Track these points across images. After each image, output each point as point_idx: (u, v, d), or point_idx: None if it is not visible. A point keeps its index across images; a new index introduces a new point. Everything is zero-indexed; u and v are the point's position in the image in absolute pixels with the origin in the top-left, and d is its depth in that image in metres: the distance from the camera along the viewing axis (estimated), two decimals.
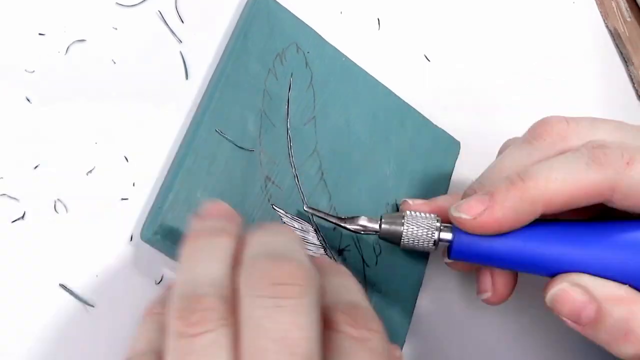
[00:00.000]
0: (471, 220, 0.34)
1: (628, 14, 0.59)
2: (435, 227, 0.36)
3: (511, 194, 0.33)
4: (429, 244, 0.36)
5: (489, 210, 0.34)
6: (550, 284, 0.35)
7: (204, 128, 0.36)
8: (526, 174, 0.34)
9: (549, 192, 0.33)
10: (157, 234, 0.34)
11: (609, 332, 0.33)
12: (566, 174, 0.33)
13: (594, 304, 0.33)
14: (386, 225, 0.37)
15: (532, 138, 0.36)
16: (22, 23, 0.35)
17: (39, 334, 0.32)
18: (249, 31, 0.39)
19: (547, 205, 0.33)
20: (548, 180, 0.33)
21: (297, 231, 0.38)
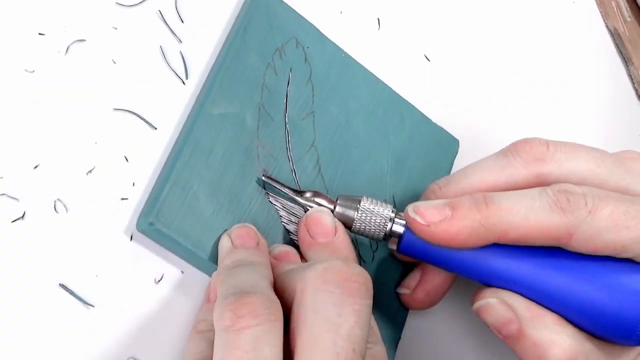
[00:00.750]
0: (424, 226, 0.34)
1: (628, 14, 0.59)
2: (388, 217, 0.36)
3: (472, 215, 0.34)
4: (380, 234, 0.36)
5: (446, 223, 0.34)
6: (481, 294, 0.36)
7: (201, 120, 0.36)
8: (492, 200, 0.34)
9: (507, 224, 0.34)
10: (152, 224, 0.34)
11: (526, 351, 0.34)
12: (529, 210, 0.34)
13: (516, 323, 0.34)
14: (340, 208, 0.37)
15: (508, 152, 0.37)
16: (22, 23, 0.35)
17: (39, 334, 0.32)
18: (249, 25, 0.39)
19: (502, 236, 0.34)
20: (511, 213, 0.34)
21: (293, 225, 0.38)
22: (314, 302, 0.29)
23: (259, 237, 0.35)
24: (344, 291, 0.29)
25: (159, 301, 0.35)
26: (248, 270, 0.32)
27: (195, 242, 0.35)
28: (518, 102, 0.52)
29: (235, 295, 0.29)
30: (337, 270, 0.29)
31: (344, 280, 0.29)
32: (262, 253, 0.34)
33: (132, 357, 0.34)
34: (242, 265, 0.32)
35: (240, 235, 0.35)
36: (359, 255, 0.40)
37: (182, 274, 0.36)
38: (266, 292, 0.30)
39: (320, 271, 0.30)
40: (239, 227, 0.35)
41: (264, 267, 0.33)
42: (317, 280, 0.29)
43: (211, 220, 0.36)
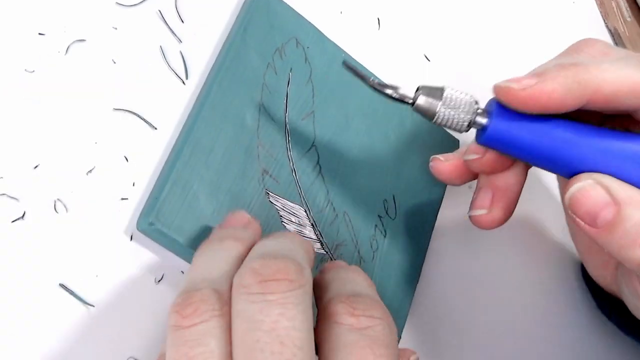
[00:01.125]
0: (520, 91, 0.33)
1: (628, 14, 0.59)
2: (473, 109, 0.35)
3: (563, 73, 0.33)
4: (463, 124, 0.35)
5: (541, 84, 0.33)
6: (572, 181, 0.34)
7: (202, 120, 0.36)
8: (579, 61, 0.33)
9: (599, 78, 0.33)
10: (152, 224, 0.34)
11: (623, 236, 0.32)
12: (618, 68, 0.33)
13: (615, 206, 0.32)
14: (422, 98, 0.35)
15: (572, 50, 0.36)
16: (22, 23, 0.35)
17: (39, 334, 0.32)
18: (249, 25, 0.39)
19: (596, 91, 0.33)
20: (600, 69, 0.33)
21: (294, 225, 0.38)
22: (237, 307, 0.28)
23: (251, 221, 0.34)
24: (265, 290, 0.28)
25: (159, 301, 0.35)
26: (210, 260, 0.31)
27: (195, 242, 0.35)
28: None
29: (184, 294, 0.29)
30: (252, 272, 0.28)
31: (262, 280, 0.28)
32: (242, 232, 0.33)
33: (132, 357, 0.34)
34: (209, 250, 0.31)
35: (229, 217, 0.34)
36: (359, 255, 0.40)
37: (182, 274, 0.36)
38: (215, 286, 0.29)
39: (241, 275, 0.29)
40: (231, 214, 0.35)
41: (232, 246, 0.32)
42: (239, 286, 0.28)
43: (211, 220, 0.36)
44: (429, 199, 0.44)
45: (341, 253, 0.40)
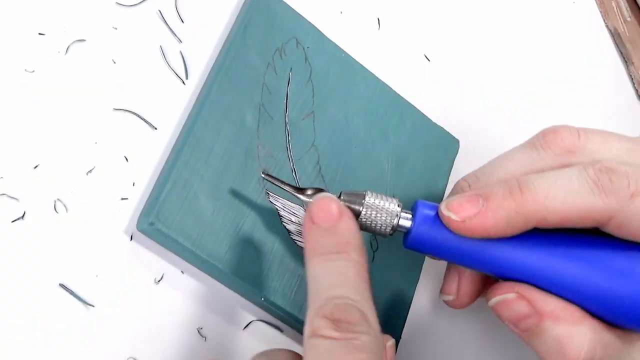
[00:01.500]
0: (459, 223, 0.33)
1: (628, 14, 0.59)
2: (395, 212, 0.35)
3: (507, 204, 0.32)
4: (386, 229, 0.35)
5: (481, 216, 0.32)
6: (497, 289, 0.34)
7: (202, 119, 0.36)
8: (525, 185, 0.33)
9: (545, 209, 0.32)
10: (153, 224, 0.34)
11: (544, 345, 0.33)
12: (567, 193, 0.32)
13: (535, 318, 0.33)
14: (345, 203, 0.35)
15: (538, 144, 0.35)
16: (22, 23, 0.35)
17: (39, 334, 0.32)
18: (249, 25, 0.39)
19: (540, 221, 0.32)
20: (547, 197, 0.32)
21: (294, 225, 0.38)
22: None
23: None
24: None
25: (159, 301, 0.35)
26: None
27: (195, 242, 0.35)
28: (518, 102, 0.52)
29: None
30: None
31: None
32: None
33: (132, 357, 0.34)
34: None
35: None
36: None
37: (182, 274, 0.36)
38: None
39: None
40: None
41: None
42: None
43: (211, 220, 0.36)
44: (429, 199, 0.44)
45: None
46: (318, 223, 0.33)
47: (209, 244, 0.35)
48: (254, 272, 0.36)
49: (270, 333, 0.38)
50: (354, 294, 0.31)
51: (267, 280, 0.37)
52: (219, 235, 0.36)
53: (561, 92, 0.54)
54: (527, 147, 0.36)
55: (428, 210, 0.35)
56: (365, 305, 0.31)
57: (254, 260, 0.36)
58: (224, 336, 0.37)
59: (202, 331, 0.36)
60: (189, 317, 0.36)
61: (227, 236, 0.36)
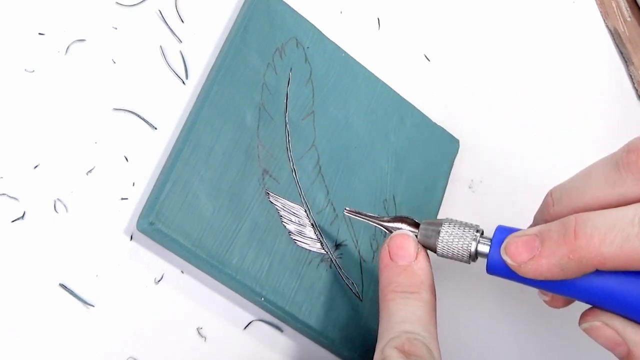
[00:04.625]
0: (516, 266, 0.33)
1: (628, 14, 0.59)
2: (471, 238, 0.35)
3: (559, 251, 0.32)
4: (464, 256, 0.35)
5: (535, 262, 0.32)
6: (585, 316, 0.34)
7: (202, 120, 0.36)
8: (582, 228, 0.31)
9: (600, 255, 0.31)
10: (153, 224, 0.34)
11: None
12: (624, 239, 0.30)
13: (625, 346, 0.33)
14: (424, 232, 0.36)
15: (621, 164, 0.33)
16: (22, 23, 0.35)
17: (39, 334, 0.32)
18: (249, 25, 0.39)
19: (599, 267, 0.31)
20: (602, 243, 0.30)
21: (294, 225, 0.38)
22: None
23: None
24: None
25: (159, 301, 0.35)
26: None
27: (195, 242, 0.35)
28: (518, 101, 0.52)
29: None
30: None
31: None
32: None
33: (132, 357, 0.34)
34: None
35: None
36: (359, 255, 0.40)
37: (182, 274, 0.36)
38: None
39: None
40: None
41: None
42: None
43: (211, 220, 0.36)
44: (429, 199, 0.44)
45: (341, 253, 0.40)
46: (395, 260, 0.36)
47: (209, 244, 0.35)
48: (254, 272, 0.36)
49: (270, 333, 0.38)
50: (424, 331, 0.34)
51: (267, 280, 0.37)
52: (219, 235, 0.36)
53: (561, 92, 0.54)
54: (611, 164, 0.33)
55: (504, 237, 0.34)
56: (432, 344, 0.34)
57: (254, 260, 0.36)
58: (224, 336, 0.37)
59: (202, 331, 0.36)
60: (189, 317, 0.36)
61: (227, 236, 0.36)
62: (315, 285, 0.38)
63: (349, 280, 0.39)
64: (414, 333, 0.33)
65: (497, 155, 0.49)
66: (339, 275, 0.39)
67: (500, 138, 0.50)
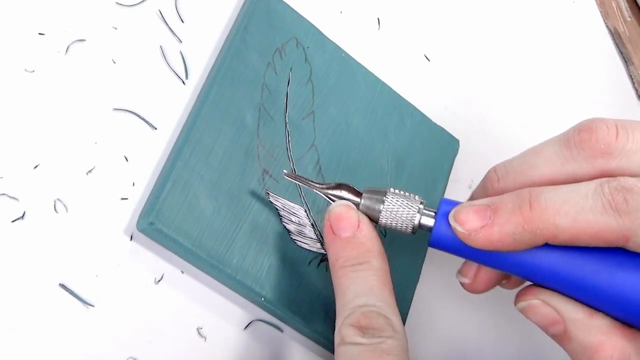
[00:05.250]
0: (466, 234, 0.32)
1: (628, 14, 0.59)
2: (416, 209, 0.34)
3: (514, 219, 0.31)
4: (407, 227, 0.34)
5: (486, 230, 0.32)
6: (523, 294, 0.34)
7: (202, 120, 0.36)
8: (536, 200, 0.31)
9: (555, 227, 0.31)
10: (153, 224, 0.34)
11: (575, 352, 0.33)
12: (578, 212, 0.30)
13: (562, 325, 0.33)
14: (365, 202, 0.35)
15: (572, 142, 0.33)
16: (22, 23, 0.35)
17: (39, 334, 0.32)
18: (249, 25, 0.39)
19: (550, 239, 0.31)
20: (558, 214, 0.31)
21: (294, 225, 0.38)
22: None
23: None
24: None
25: (159, 301, 0.35)
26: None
27: (195, 242, 0.35)
28: (518, 101, 0.52)
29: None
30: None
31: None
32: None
33: (132, 357, 0.34)
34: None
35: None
36: None
37: (182, 274, 0.36)
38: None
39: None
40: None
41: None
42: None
43: (211, 220, 0.36)
44: (429, 199, 0.44)
45: None
46: (338, 233, 0.35)
47: (209, 244, 0.35)
48: (254, 272, 0.36)
49: (270, 333, 0.38)
50: (378, 301, 0.33)
51: (267, 280, 0.37)
52: (219, 235, 0.36)
53: (561, 92, 0.54)
54: (561, 143, 0.34)
55: (451, 207, 0.33)
56: (389, 311, 0.33)
57: (254, 260, 0.36)
58: (224, 336, 0.37)
59: (202, 331, 0.36)
60: (189, 317, 0.36)
61: (227, 236, 0.36)
62: (315, 285, 0.38)
63: None
64: (367, 306, 0.32)
65: (497, 155, 0.49)
66: None
67: (500, 138, 0.50)
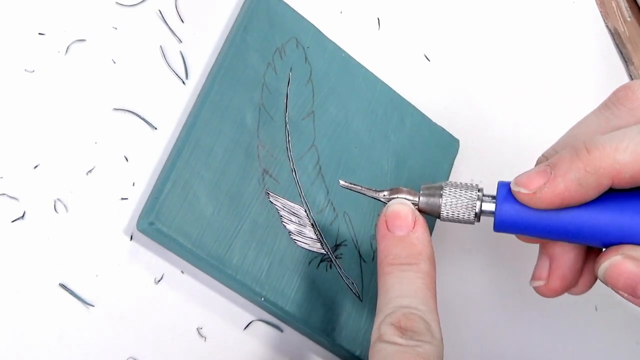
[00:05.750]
0: (531, 195, 0.31)
1: (628, 14, 0.59)
2: (475, 197, 0.34)
3: (575, 166, 0.31)
4: (470, 216, 0.34)
5: (551, 184, 0.31)
6: (602, 256, 0.32)
7: (202, 120, 0.36)
8: (592, 143, 0.31)
9: (617, 163, 0.30)
10: (153, 224, 0.34)
11: None
12: (637, 144, 0.30)
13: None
14: (425, 197, 0.34)
15: (611, 103, 0.34)
16: (22, 23, 0.35)
17: (39, 334, 0.32)
18: (249, 25, 0.39)
19: (616, 178, 0.30)
20: (617, 151, 0.30)
21: (294, 225, 0.38)
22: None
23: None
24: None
25: (159, 301, 0.35)
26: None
27: (195, 242, 0.35)
28: (518, 101, 0.52)
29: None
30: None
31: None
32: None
33: (132, 357, 0.34)
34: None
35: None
36: (359, 255, 0.40)
37: (182, 274, 0.36)
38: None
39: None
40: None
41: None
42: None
43: (211, 220, 0.36)
44: None
45: (341, 253, 0.40)
46: (392, 231, 0.34)
47: (209, 244, 0.35)
48: (254, 272, 0.36)
49: (270, 333, 0.38)
50: (421, 305, 0.32)
51: (267, 280, 0.37)
52: (219, 235, 0.36)
53: (561, 92, 0.54)
54: (601, 108, 0.34)
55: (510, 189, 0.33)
56: (430, 317, 0.32)
57: (254, 260, 0.36)
58: (224, 336, 0.37)
59: (202, 331, 0.36)
60: (189, 317, 0.36)
61: (227, 236, 0.36)
62: (315, 285, 0.38)
63: (349, 280, 0.39)
64: (410, 307, 0.32)
65: (497, 155, 0.49)
66: (339, 275, 0.39)
67: (500, 138, 0.50)
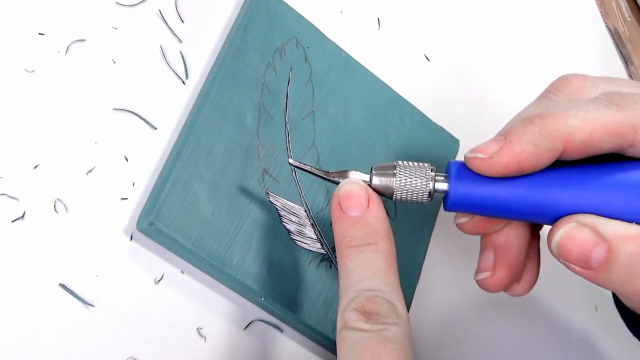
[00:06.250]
0: (488, 160, 0.31)
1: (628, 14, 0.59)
2: (429, 176, 0.33)
3: (529, 129, 0.31)
4: (423, 195, 0.33)
5: (507, 147, 0.31)
6: (555, 228, 0.32)
7: (202, 120, 0.36)
8: (544, 113, 0.32)
9: (569, 126, 0.31)
10: (153, 224, 0.34)
11: (622, 272, 0.31)
12: (586, 111, 0.31)
13: (604, 243, 0.31)
14: (377, 177, 0.33)
15: (548, 92, 0.35)
16: (22, 23, 0.35)
17: (39, 334, 0.32)
18: (249, 25, 0.39)
19: (568, 140, 0.31)
20: (567, 117, 0.31)
21: (294, 225, 0.38)
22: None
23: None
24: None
25: (159, 301, 0.35)
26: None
27: (195, 242, 0.35)
28: (518, 101, 0.52)
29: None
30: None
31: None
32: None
33: (132, 357, 0.34)
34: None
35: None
36: None
37: (182, 274, 0.36)
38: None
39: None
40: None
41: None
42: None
43: (211, 220, 0.36)
44: None
45: None
46: (346, 212, 0.33)
47: (209, 244, 0.35)
48: (254, 272, 0.36)
49: (270, 333, 0.38)
50: (383, 285, 0.32)
51: (267, 280, 0.37)
52: (219, 235, 0.36)
53: None
54: (539, 98, 0.35)
55: (462, 167, 0.33)
56: (394, 296, 0.32)
57: (254, 260, 0.36)
58: (224, 336, 0.37)
59: (202, 331, 0.36)
60: (189, 317, 0.36)
61: (227, 236, 0.36)
62: (315, 285, 0.38)
63: None
64: (373, 290, 0.31)
65: None
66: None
67: None
